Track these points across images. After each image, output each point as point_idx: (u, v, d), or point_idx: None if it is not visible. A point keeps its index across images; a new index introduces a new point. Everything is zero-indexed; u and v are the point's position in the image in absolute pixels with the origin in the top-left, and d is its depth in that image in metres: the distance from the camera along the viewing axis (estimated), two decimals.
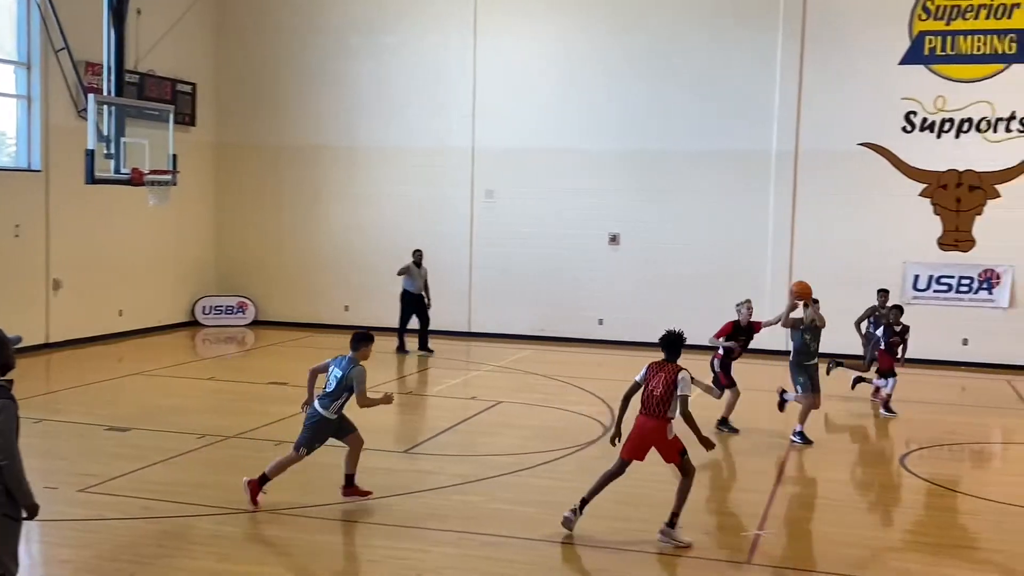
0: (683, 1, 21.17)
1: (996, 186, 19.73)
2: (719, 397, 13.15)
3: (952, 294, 19.91)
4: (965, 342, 19.86)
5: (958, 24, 19.68)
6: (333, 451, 9.87)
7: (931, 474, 11.77)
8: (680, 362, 9.03)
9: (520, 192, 22.09)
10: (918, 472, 11.76)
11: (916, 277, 20.14)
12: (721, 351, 13.30)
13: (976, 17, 19.60)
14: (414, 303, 19.82)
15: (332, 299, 23.15)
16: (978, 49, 19.62)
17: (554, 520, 8.99)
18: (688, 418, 8.75)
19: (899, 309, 15.50)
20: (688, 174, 21.23)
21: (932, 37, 19.84)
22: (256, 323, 23.52)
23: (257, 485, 9.52)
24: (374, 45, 22.82)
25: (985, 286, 19.73)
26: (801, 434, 12.79)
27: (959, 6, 19.67)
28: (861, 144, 20.27)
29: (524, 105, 22.04)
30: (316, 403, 9.52)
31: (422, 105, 22.56)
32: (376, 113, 22.90)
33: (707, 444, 9.15)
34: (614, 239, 21.73)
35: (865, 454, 13.30)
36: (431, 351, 19.64)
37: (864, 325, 16.75)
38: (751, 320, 13.41)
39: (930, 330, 19.73)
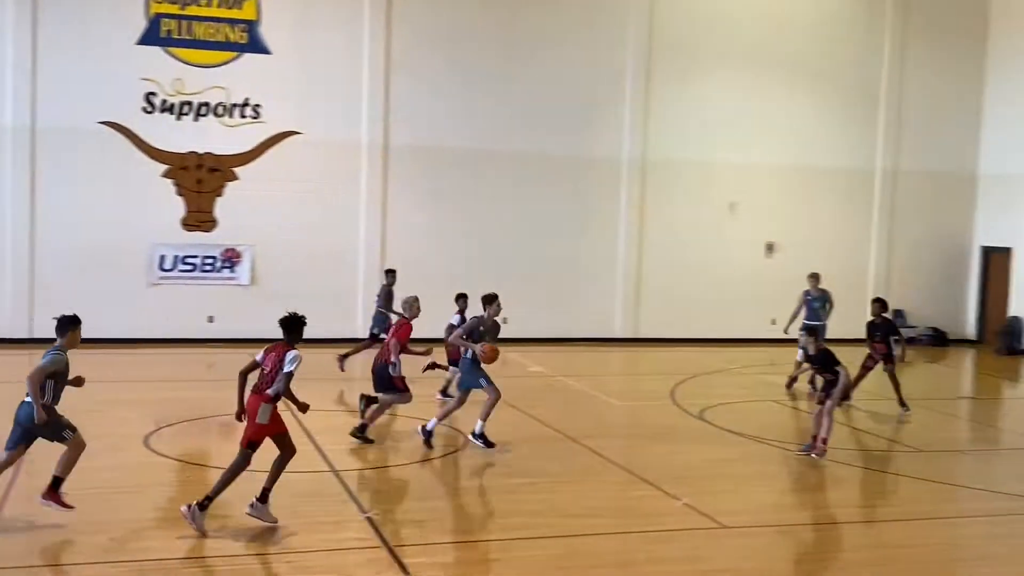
0: None
1: (234, 169, 20.65)
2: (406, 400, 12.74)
3: (197, 273, 20.45)
4: (211, 319, 20.54)
5: (192, 10, 20.15)
6: None
7: (180, 452, 11.91)
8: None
9: None
10: (164, 451, 11.82)
11: (163, 257, 20.29)
12: (394, 357, 12.49)
13: (209, 5, 20.24)
14: None
15: None
16: (212, 36, 20.31)
17: None
18: (287, 393, 9.06)
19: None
20: None
21: (168, 20, 20.06)
22: None
23: None
24: None
25: (228, 264, 20.59)
26: (483, 436, 12.42)
27: None
28: (102, 122, 19.81)
29: None
30: (28, 397, 8.82)
31: None
32: None
33: (302, 407, 9.35)
34: None
35: (109, 436, 12.86)
36: None
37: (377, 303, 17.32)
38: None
39: (177, 309, 20.19)
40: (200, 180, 20.46)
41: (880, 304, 15.67)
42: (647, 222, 23.04)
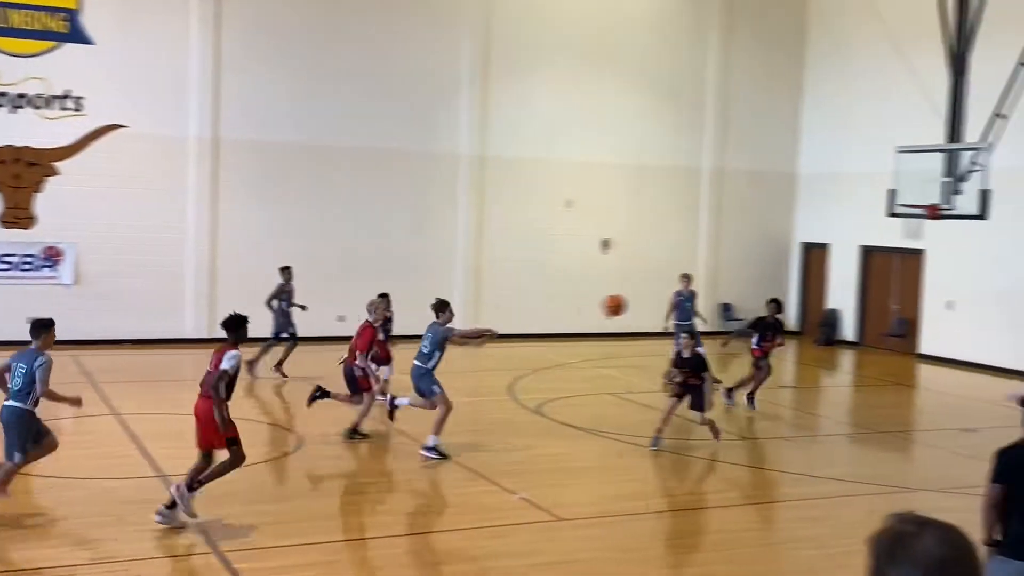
0: None
1: (55, 163, 19.72)
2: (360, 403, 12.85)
3: (16, 272, 19.45)
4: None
5: None
6: None
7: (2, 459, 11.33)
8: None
9: None
10: None
11: None
12: (361, 363, 12.63)
13: None
14: None
15: None
16: (29, 24, 19.33)
17: None
18: (217, 395, 8.82)
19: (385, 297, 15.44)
20: None
21: None
22: None
23: None
24: None
25: (48, 263, 19.66)
26: (436, 448, 11.98)
27: None
28: None
29: None
30: (10, 401, 8.92)
31: None
32: None
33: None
34: None
35: None
36: None
37: (275, 303, 16.93)
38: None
39: None
40: (18, 175, 19.44)
41: (776, 305, 16.33)
42: (486, 218, 23.19)
